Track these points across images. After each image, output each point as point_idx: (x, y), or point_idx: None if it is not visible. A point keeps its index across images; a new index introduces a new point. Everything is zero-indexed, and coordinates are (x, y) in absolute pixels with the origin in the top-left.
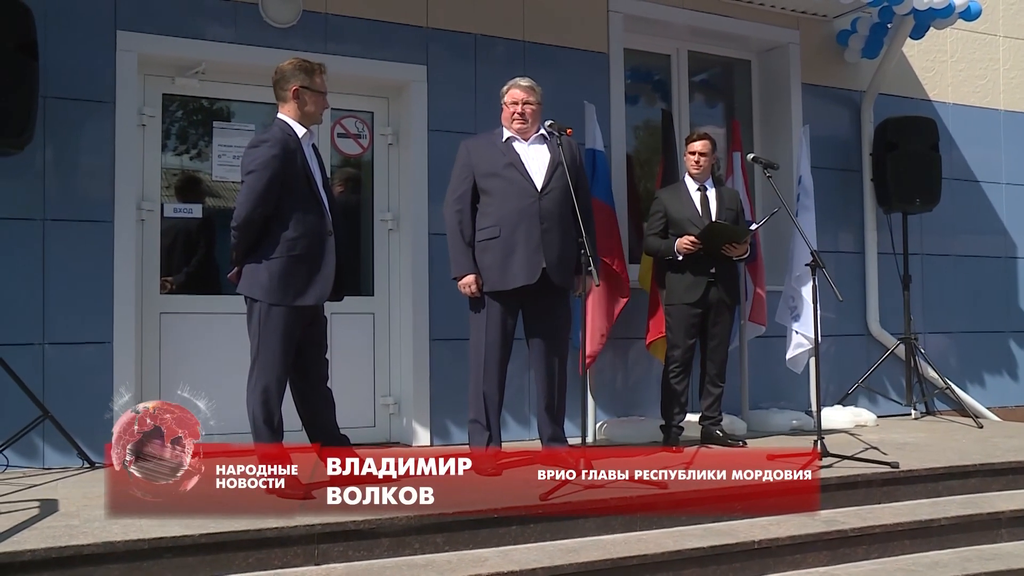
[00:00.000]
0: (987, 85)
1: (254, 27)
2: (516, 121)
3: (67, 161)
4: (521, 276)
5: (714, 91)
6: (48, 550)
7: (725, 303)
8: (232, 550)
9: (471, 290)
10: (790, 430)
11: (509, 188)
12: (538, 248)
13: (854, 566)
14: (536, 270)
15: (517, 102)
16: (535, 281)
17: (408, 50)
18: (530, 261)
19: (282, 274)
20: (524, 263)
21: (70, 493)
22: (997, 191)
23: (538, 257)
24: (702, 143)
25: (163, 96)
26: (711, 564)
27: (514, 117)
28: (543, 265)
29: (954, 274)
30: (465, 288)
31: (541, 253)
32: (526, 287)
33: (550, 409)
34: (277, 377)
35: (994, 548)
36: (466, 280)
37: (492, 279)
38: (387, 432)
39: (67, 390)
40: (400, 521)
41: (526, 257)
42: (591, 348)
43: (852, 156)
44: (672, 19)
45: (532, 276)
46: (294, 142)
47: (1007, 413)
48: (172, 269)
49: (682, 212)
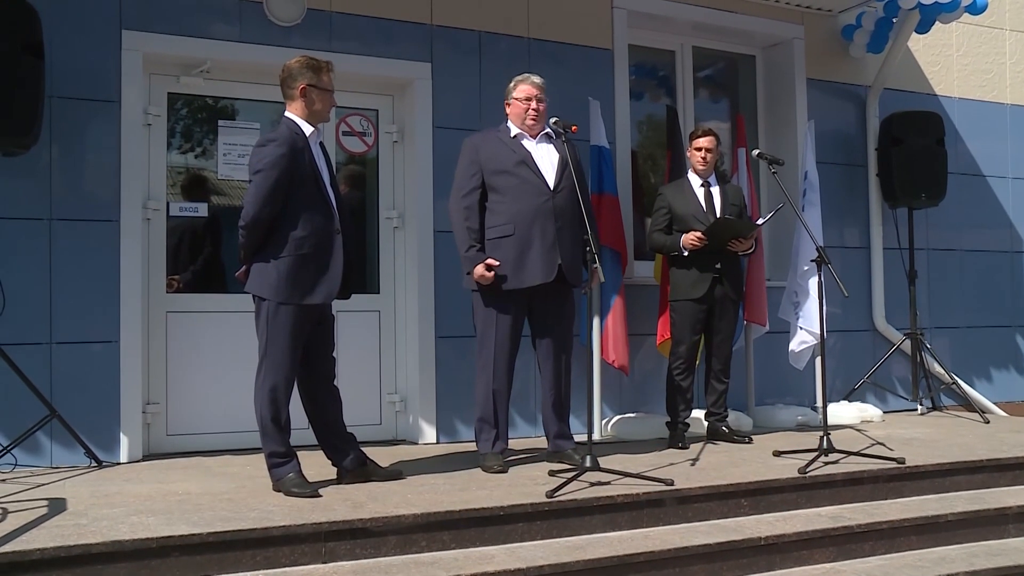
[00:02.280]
0: (993, 79)
1: (259, 26)
2: (531, 118)
3: (73, 161)
4: (538, 274)
5: (719, 87)
6: (57, 549)
7: (730, 299)
8: (240, 548)
9: (490, 276)
10: (796, 426)
11: (522, 186)
12: (554, 246)
13: (860, 562)
14: (553, 268)
15: (531, 98)
16: (552, 279)
17: (413, 47)
18: (547, 259)
19: (290, 273)
20: (541, 261)
21: (78, 492)
22: (1003, 185)
23: (554, 255)
24: (707, 139)
25: (168, 95)
26: (718, 560)
27: (529, 113)
28: (559, 262)
29: (960, 269)
30: (483, 279)
31: (557, 251)
32: (536, 286)
33: (556, 406)
34: (285, 375)
35: (1001, 544)
36: (479, 270)
37: (506, 277)
38: (393, 430)
39: (74, 389)
40: (407, 519)
41: (542, 255)
42: (620, 361)
43: (857, 151)
44: (676, 15)
45: (550, 274)
46: (302, 141)
47: (1014, 408)
48: (178, 268)
49: (686, 208)
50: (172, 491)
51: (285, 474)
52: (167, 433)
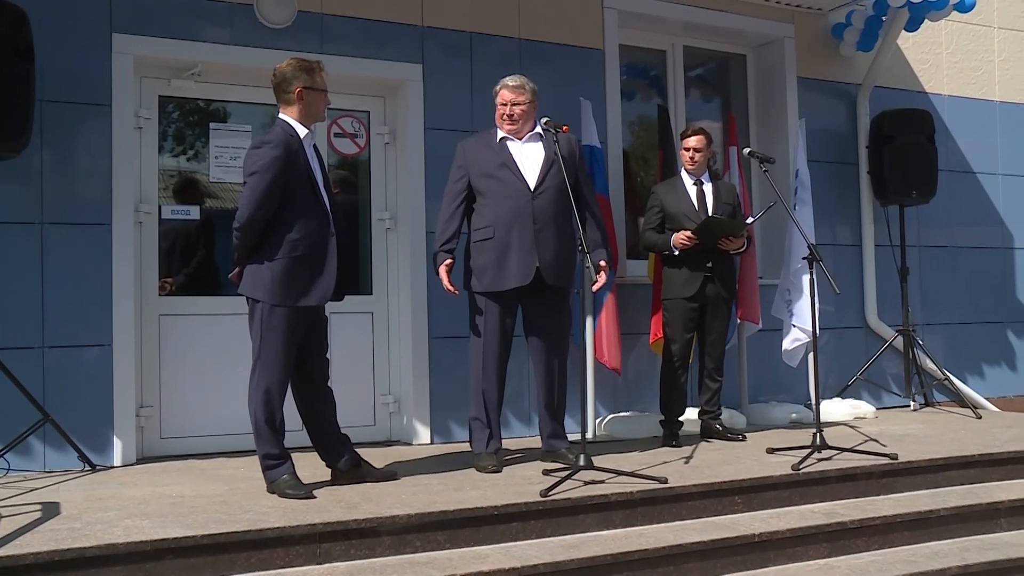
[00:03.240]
0: (982, 76)
1: (250, 28)
2: (505, 123)
3: (65, 164)
4: (515, 278)
5: (710, 86)
6: (51, 553)
7: (722, 297)
8: (234, 551)
9: (445, 284)
10: (789, 423)
11: (502, 188)
12: (532, 249)
13: (854, 558)
14: (530, 271)
15: (506, 103)
16: (529, 282)
17: (404, 49)
18: (524, 262)
19: (284, 275)
20: (518, 264)
21: (71, 496)
22: (993, 182)
23: (532, 258)
24: (696, 139)
25: (160, 98)
26: (712, 558)
27: (503, 118)
28: (536, 265)
29: (952, 266)
30: (443, 282)
31: (535, 254)
32: (524, 286)
33: (550, 407)
34: (279, 378)
35: (993, 538)
36: (439, 273)
37: (488, 280)
38: (387, 431)
39: (67, 393)
40: (401, 519)
41: (520, 258)
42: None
43: (848, 149)
44: (667, 14)
45: (526, 277)
46: (296, 143)
47: (1006, 403)
48: (171, 271)
49: (678, 207)
50: (166, 494)
51: (279, 476)
52: (161, 436)
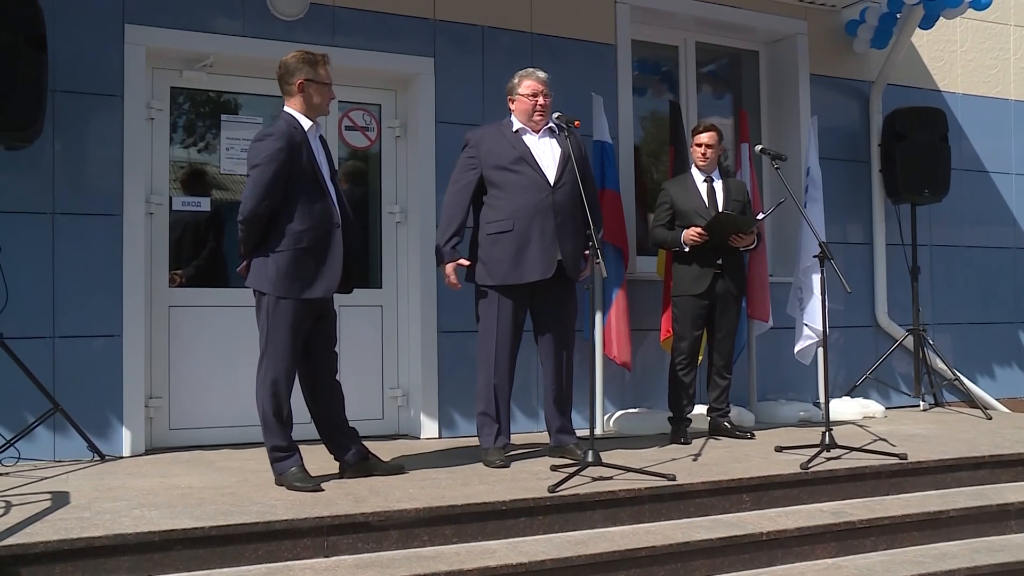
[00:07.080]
0: (997, 75)
1: (262, 20)
2: (538, 113)
3: (76, 155)
4: (537, 270)
5: (722, 82)
6: (60, 542)
7: (732, 294)
8: (242, 542)
9: (451, 281)
10: (798, 421)
11: (522, 182)
12: (553, 242)
13: (862, 558)
14: (552, 264)
15: (537, 94)
16: (551, 275)
17: (415, 42)
18: (545, 255)
19: (289, 267)
20: (539, 257)
21: (81, 485)
22: (1007, 181)
23: (554, 251)
24: (708, 135)
25: (171, 89)
26: (720, 556)
27: (536, 109)
28: (559, 258)
29: (963, 265)
30: (448, 281)
31: (557, 247)
32: (536, 280)
33: (558, 401)
34: (286, 369)
35: (1003, 539)
36: (448, 268)
37: (503, 273)
38: (395, 424)
39: (77, 383)
40: (409, 513)
41: (541, 251)
42: (621, 358)
43: (861, 147)
44: (679, 10)
45: (548, 270)
46: (300, 135)
47: (1016, 404)
48: (181, 262)
49: (688, 203)
50: (174, 485)
51: (287, 468)
52: (169, 427)
